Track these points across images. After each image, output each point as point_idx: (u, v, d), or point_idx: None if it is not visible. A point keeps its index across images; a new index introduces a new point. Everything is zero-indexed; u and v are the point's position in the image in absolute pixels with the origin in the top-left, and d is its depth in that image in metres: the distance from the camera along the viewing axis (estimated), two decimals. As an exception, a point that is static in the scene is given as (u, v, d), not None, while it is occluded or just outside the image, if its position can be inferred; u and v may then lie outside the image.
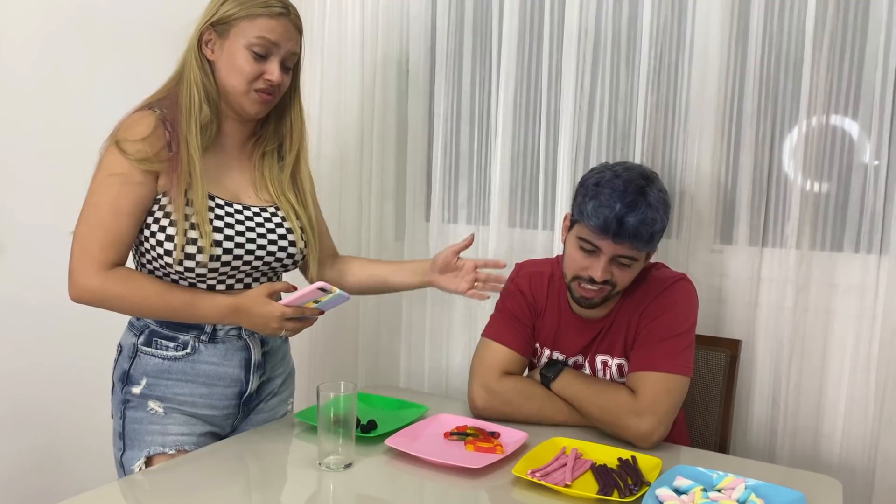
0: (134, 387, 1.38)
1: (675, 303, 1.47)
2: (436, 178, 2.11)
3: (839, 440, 1.67)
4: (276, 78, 1.36)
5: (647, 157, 1.79)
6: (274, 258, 1.43)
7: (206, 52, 1.36)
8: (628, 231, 1.34)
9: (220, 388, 1.42)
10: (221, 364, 1.41)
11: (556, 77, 1.91)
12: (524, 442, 1.36)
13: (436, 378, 2.17)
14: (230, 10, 1.33)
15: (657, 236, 1.39)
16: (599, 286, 1.42)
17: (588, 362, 1.55)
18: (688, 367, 1.42)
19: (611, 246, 1.38)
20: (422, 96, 2.13)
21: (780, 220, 1.70)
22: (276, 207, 1.45)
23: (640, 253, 1.40)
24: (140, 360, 1.38)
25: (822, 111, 1.62)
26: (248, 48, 1.33)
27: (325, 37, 2.18)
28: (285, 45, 1.36)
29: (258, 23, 1.33)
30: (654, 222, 1.36)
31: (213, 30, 1.35)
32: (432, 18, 2.09)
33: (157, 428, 1.38)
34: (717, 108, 1.71)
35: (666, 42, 1.77)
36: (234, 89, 1.35)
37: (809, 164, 1.64)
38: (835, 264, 1.66)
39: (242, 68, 1.34)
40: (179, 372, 1.38)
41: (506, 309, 1.60)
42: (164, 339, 1.38)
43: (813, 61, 1.61)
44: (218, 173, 1.39)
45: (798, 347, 1.68)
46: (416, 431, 1.40)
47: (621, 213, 1.34)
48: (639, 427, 1.36)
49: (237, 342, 1.42)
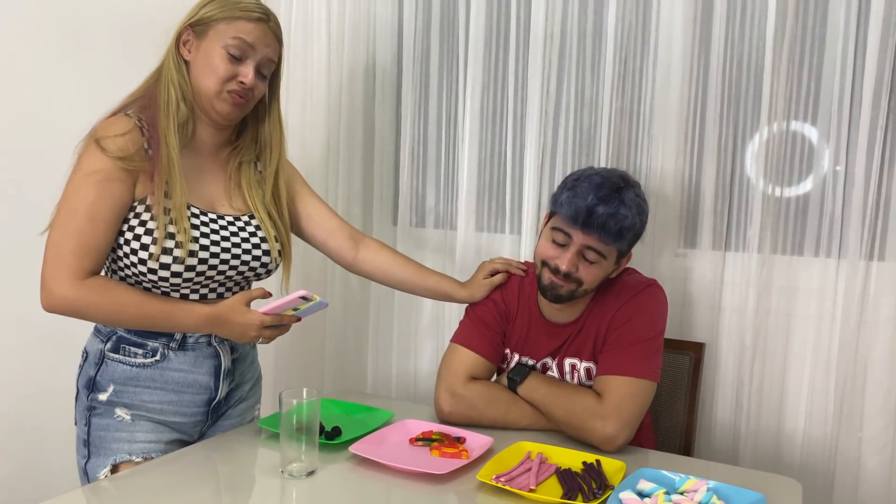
0: (100, 393, 1.36)
1: (644, 308, 1.48)
2: (403, 182, 2.10)
3: (800, 441, 1.69)
4: (250, 80, 1.35)
5: (613, 161, 1.81)
6: (248, 267, 1.42)
7: (183, 52, 1.36)
8: (597, 221, 1.37)
9: (190, 396, 1.41)
10: (191, 371, 1.40)
11: (522, 82, 1.91)
12: (489, 447, 1.36)
13: (403, 383, 2.16)
14: (210, 11, 1.34)
15: (626, 234, 1.40)
16: (567, 280, 1.43)
17: (556, 365, 1.55)
18: (655, 372, 1.44)
19: (580, 236, 1.40)
20: (389, 100, 2.12)
21: (743, 224, 1.72)
22: (249, 216, 1.44)
23: (607, 248, 1.41)
24: (107, 367, 1.36)
25: (782, 117, 1.65)
26: (224, 48, 1.33)
27: (291, 40, 2.16)
28: (262, 50, 1.36)
29: (236, 25, 1.33)
30: (624, 218, 1.38)
31: (192, 30, 1.35)
32: (399, 22, 2.09)
33: (124, 435, 1.36)
34: (680, 113, 1.73)
35: (630, 48, 1.79)
36: (208, 89, 1.34)
37: (771, 170, 1.67)
38: (795, 268, 1.69)
39: (217, 68, 1.33)
40: (148, 379, 1.37)
41: (475, 315, 1.60)
42: (133, 346, 1.36)
43: (773, 68, 1.63)
44: (193, 177, 1.38)
45: (760, 350, 1.71)
46: (381, 437, 1.39)
47: (592, 204, 1.37)
48: (604, 430, 1.36)
49: (207, 349, 1.41)
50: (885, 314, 1.58)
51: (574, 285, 1.44)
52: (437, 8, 2.04)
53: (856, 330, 1.60)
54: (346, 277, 2.20)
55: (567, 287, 1.44)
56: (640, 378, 1.41)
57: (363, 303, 2.20)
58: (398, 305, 2.13)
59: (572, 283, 1.44)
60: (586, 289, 1.45)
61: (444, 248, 2.08)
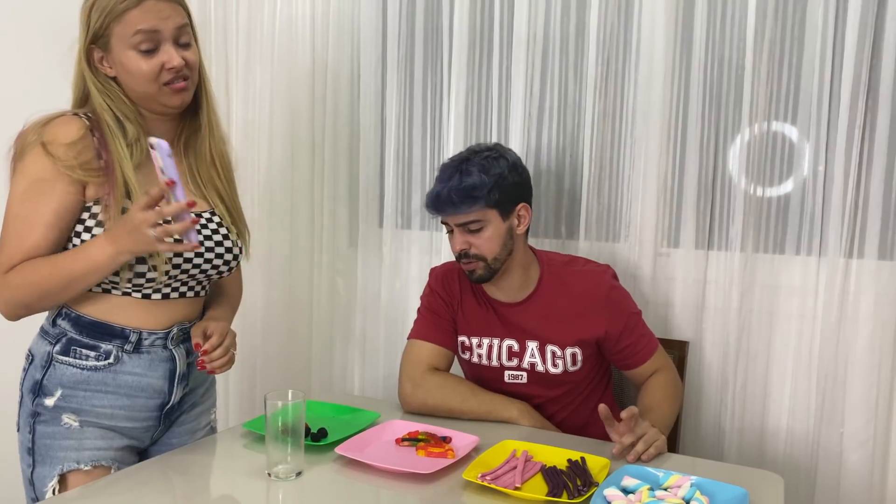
0: (47, 398, 1.30)
1: (624, 291, 1.61)
2: (388, 183, 2.11)
3: (783, 437, 1.71)
4: (177, 62, 1.26)
5: (595, 162, 1.82)
6: (210, 265, 1.38)
7: (105, 70, 1.29)
8: (443, 200, 1.49)
9: (142, 400, 1.35)
10: (145, 375, 1.34)
11: (506, 84, 1.92)
12: (476, 446, 1.37)
13: (391, 385, 2.16)
14: (97, 20, 1.25)
15: (478, 192, 1.48)
16: (471, 260, 1.53)
17: (538, 350, 1.58)
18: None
19: (448, 218, 1.53)
20: (373, 103, 2.12)
21: (726, 223, 1.74)
22: (211, 212, 1.40)
23: (473, 213, 1.50)
24: (55, 370, 1.30)
25: (763, 117, 1.67)
26: (133, 50, 1.25)
27: (275, 42, 2.16)
28: (166, 26, 1.26)
29: (128, 19, 1.23)
30: (469, 183, 1.48)
31: (97, 47, 1.27)
32: (383, 24, 2.09)
33: (72, 443, 1.30)
34: (662, 114, 1.74)
35: (613, 49, 1.80)
36: (146, 93, 1.28)
37: (752, 169, 1.69)
38: (777, 266, 1.71)
39: (140, 71, 1.25)
40: (99, 383, 1.31)
41: (423, 309, 1.68)
42: (85, 349, 1.30)
43: (754, 69, 1.65)
44: (151, 182, 1.28)
45: (744, 348, 1.72)
46: (367, 438, 1.39)
47: (435, 190, 1.51)
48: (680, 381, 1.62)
49: (162, 352, 1.36)
50: (865, 311, 1.60)
51: (482, 262, 1.53)
52: (421, 11, 2.05)
53: (836, 327, 1.62)
54: (332, 279, 2.20)
55: (477, 266, 1.53)
56: (657, 345, 1.61)
57: (350, 305, 2.20)
58: (385, 308, 2.14)
59: (479, 261, 1.53)
60: (496, 258, 1.53)
61: (430, 249, 2.09)
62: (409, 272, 2.11)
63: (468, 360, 1.65)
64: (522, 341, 1.60)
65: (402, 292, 2.12)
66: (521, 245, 1.59)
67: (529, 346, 1.59)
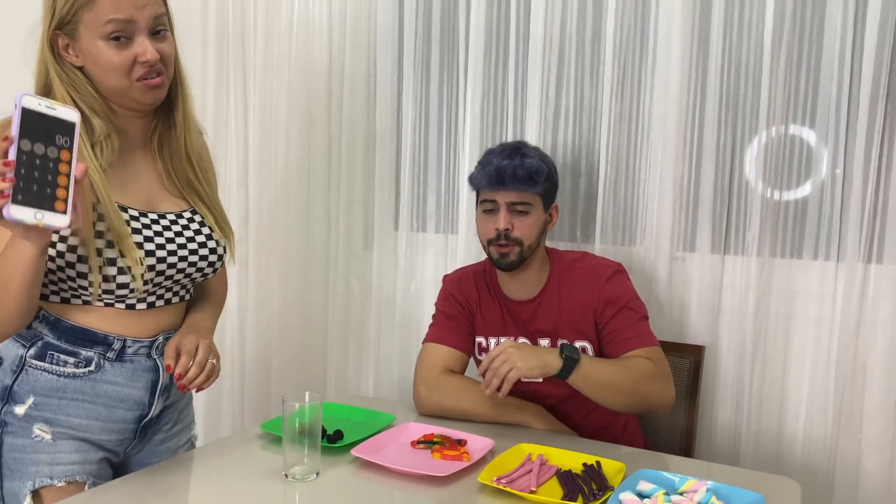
0: (17, 406, 1.19)
1: (632, 291, 1.59)
2: (404, 186, 2.12)
3: (800, 442, 1.70)
4: (152, 55, 1.15)
5: (612, 165, 1.82)
6: (195, 268, 1.30)
7: (70, 59, 1.17)
8: (507, 174, 1.52)
9: (121, 411, 1.26)
10: (126, 385, 1.25)
11: (522, 87, 1.93)
12: (491, 449, 1.37)
13: (406, 388, 2.16)
14: (64, 4, 1.13)
15: (538, 177, 1.53)
16: (508, 243, 1.53)
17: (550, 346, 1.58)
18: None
19: (502, 195, 1.54)
20: (389, 105, 2.13)
21: (742, 227, 1.73)
22: (192, 211, 1.31)
23: (528, 195, 1.54)
24: (27, 375, 1.20)
25: (780, 121, 1.66)
26: (104, 39, 1.13)
27: (292, 45, 2.18)
28: (142, 16, 1.14)
29: (100, 6, 1.12)
30: (531, 165, 1.52)
31: (62, 33, 1.15)
32: (399, 27, 2.10)
33: (44, 457, 1.20)
34: (679, 117, 1.74)
35: (629, 53, 1.80)
36: (117, 88, 1.17)
37: (769, 173, 1.68)
38: (794, 271, 1.70)
39: (111, 63, 1.14)
40: (76, 391, 1.21)
41: (439, 312, 1.69)
42: (63, 354, 1.20)
43: (771, 72, 1.65)
44: (124, 181, 1.23)
45: (760, 352, 1.72)
46: (382, 441, 1.40)
47: (499, 164, 1.54)
48: (670, 392, 1.50)
49: (146, 362, 1.27)
50: (884, 316, 1.59)
51: (517, 248, 1.54)
52: (438, 14, 2.05)
53: (855, 332, 1.61)
54: (347, 282, 2.21)
55: (512, 250, 1.54)
56: (657, 346, 1.54)
57: (365, 308, 2.21)
58: (400, 310, 2.14)
59: (515, 246, 1.54)
60: (530, 245, 1.55)
61: (445, 252, 2.09)
62: (423, 275, 2.12)
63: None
64: (535, 339, 1.61)
65: (416, 295, 2.12)
66: (542, 243, 1.62)
67: (542, 344, 1.60)
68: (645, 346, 1.52)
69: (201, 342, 1.25)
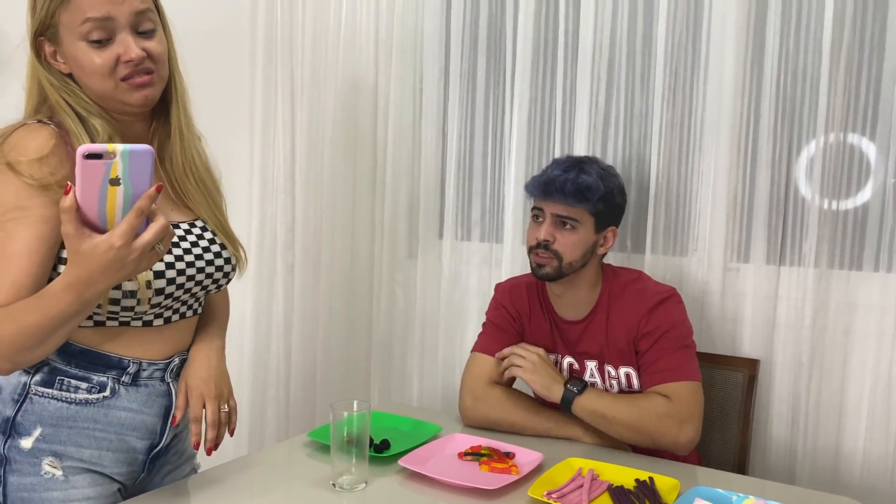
0: (23, 439, 1.09)
1: (679, 318, 1.52)
2: (449, 195, 2.11)
3: (860, 461, 1.64)
4: (135, 53, 1.06)
5: (663, 174, 1.79)
6: (211, 280, 1.23)
7: (58, 66, 1.10)
8: (556, 185, 1.48)
9: (132, 441, 1.18)
10: (140, 412, 1.17)
11: (570, 95, 1.91)
12: (539, 462, 1.35)
13: (450, 397, 2.15)
14: (42, 6, 1.06)
15: (590, 195, 1.49)
16: (547, 253, 1.50)
17: (597, 370, 1.56)
18: (699, 373, 1.50)
19: (548, 205, 1.51)
20: (435, 114, 2.13)
21: (798, 238, 1.68)
22: (202, 224, 1.24)
23: (575, 210, 1.49)
24: (32, 404, 1.09)
25: (839, 129, 1.61)
26: (83, 40, 1.06)
27: (340, 56, 2.19)
28: (120, 12, 1.06)
29: (75, 4, 1.04)
30: (584, 181, 1.48)
31: (46, 39, 1.09)
32: (446, 38, 2.10)
33: (57, 495, 1.10)
34: (732, 125, 1.70)
35: (681, 59, 1.77)
36: (103, 91, 1.09)
37: (827, 182, 1.63)
38: (854, 283, 1.64)
39: (92, 65, 1.06)
40: (88, 420, 1.12)
41: (489, 323, 1.68)
42: (74, 379, 1.11)
43: (830, 79, 1.60)
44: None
45: (817, 367, 1.66)
46: (429, 451, 1.39)
47: (552, 174, 1.51)
48: (683, 433, 1.41)
49: (159, 386, 1.19)
50: (950, 331, 1.53)
51: (556, 261, 1.51)
52: (485, 22, 2.05)
53: (918, 347, 1.55)
54: (392, 290, 2.21)
55: (550, 262, 1.51)
56: (694, 381, 1.46)
57: (409, 316, 2.20)
58: (444, 319, 2.13)
59: (553, 259, 1.51)
60: (570, 263, 1.51)
61: (489, 261, 2.08)
62: (468, 284, 2.11)
63: None
64: (581, 361, 1.58)
65: (460, 304, 2.11)
66: (595, 264, 1.58)
67: (588, 366, 1.57)
68: (674, 380, 1.45)
69: (208, 398, 1.18)
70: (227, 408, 1.22)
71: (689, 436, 1.42)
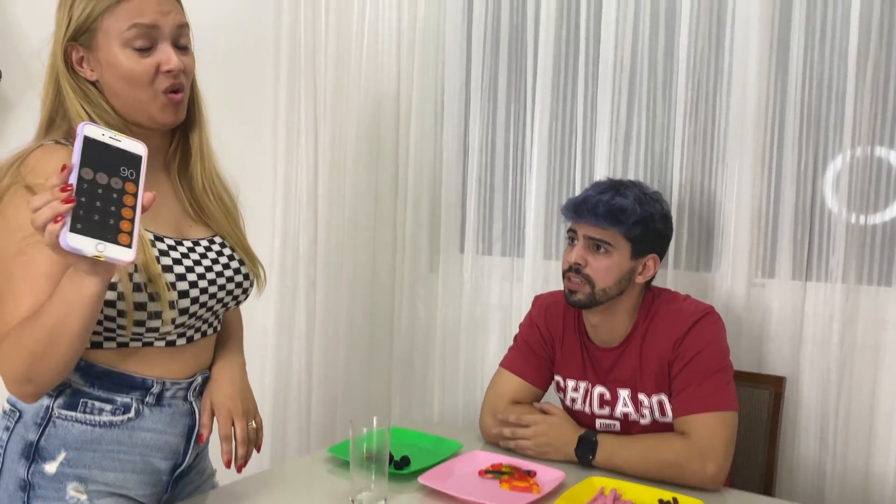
0: (46, 463, 1.07)
1: (711, 340, 1.45)
2: (470, 209, 2.11)
3: (892, 483, 1.59)
4: (176, 64, 1.08)
5: (686, 188, 1.77)
6: (230, 296, 1.22)
7: (85, 73, 1.09)
8: (589, 205, 1.43)
9: (156, 461, 1.16)
10: (165, 432, 1.16)
11: (591, 108, 1.90)
12: (561, 481, 1.33)
13: (470, 413, 2.14)
14: (83, 11, 1.05)
15: (625, 218, 1.42)
16: (579, 278, 1.45)
17: (630, 399, 1.51)
18: (734, 401, 1.42)
19: (581, 226, 1.46)
20: (456, 129, 2.13)
21: (825, 253, 1.65)
22: (221, 241, 1.23)
23: (608, 233, 1.44)
24: (55, 428, 1.08)
25: (866, 141, 1.58)
26: (126, 47, 1.06)
27: (362, 71, 2.21)
28: (166, 22, 1.08)
29: (123, 10, 1.05)
30: (618, 203, 1.42)
31: (77, 44, 1.08)
32: (467, 52, 2.11)
33: None
34: (756, 138, 1.68)
35: (703, 72, 1.75)
36: (137, 101, 1.09)
37: (854, 196, 1.60)
38: (883, 299, 1.61)
39: (132, 72, 1.06)
40: (112, 442, 1.10)
41: (522, 340, 1.64)
42: (98, 401, 1.09)
43: (856, 89, 1.57)
44: (153, 206, 1.08)
45: (846, 384, 1.62)
46: (450, 468, 1.38)
47: (586, 195, 1.47)
48: (705, 471, 1.35)
49: (182, 405, 1.18)
50: (985, 348, 1.49)
51: (588, 287, 1.45)
52: (506, 36, 2.05)
53: (952, 365, 1.51)
54: (413, 304, 2.21)
55: (582, 288, 1.45)
56: (723, 411, 1.39)
57: (430, 331, 2.20)
58: (465, 334, 2.13)
59: (585, 284, 1.45)
60: (603, 288, 1.45)
61: (511, 275, 2.07)
62: (489, 298, 2.10)
63: (562, 400, 1.61)
64: (614, 389, 1.52)
65: (482, 318, 2.10)
66: (636, 293, 1.50)
67: (621, 395, 1.51)
68: (700, 411, 1.39)
69: (236, 415, 1.18)
70: (255, 424, 1.23)
71: (709, 473, 1.35)
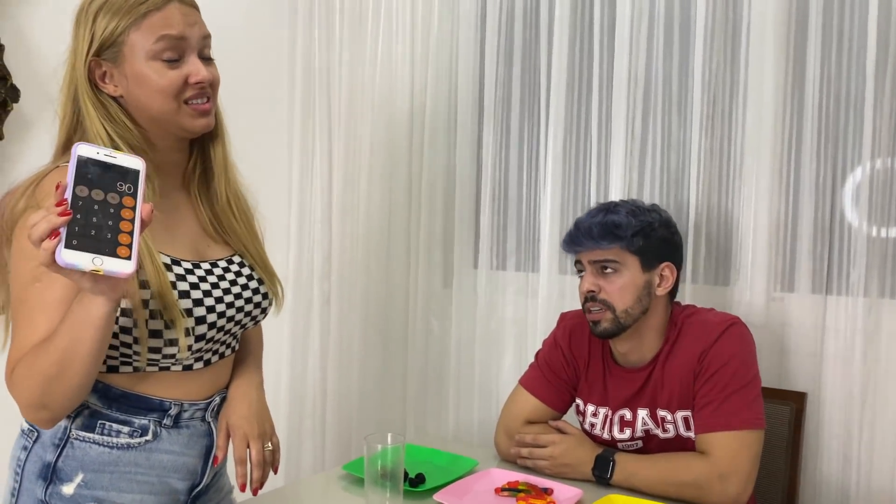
0: (64, 485, 1.07)
1: (734, 352, 1.40)
2: (484, 225, 2.10)
3: (919, 502, 1.56)
4: (205, 75, 1.08)
5: (703, 202, 1.75)
6: (249, 317, 1.21)
7: (108, 88, 1.08)
8: (583, 231, 1.43)
9: (174, 482, 1.15)
10: (182, 453, 1.15)
11: (605, 124, 1.89)
12: (578, 499, 1.31)
13: (486, 430, 2.12)
14: (108, 25, 1.04)
15: (621, 231, 1.41)
16: (597, 306, 1.42)
17: (649, 417, 1.47)
18: (760, 418, 1.38)
19: (584, 254, 1.45)
20: (470, 145, 2.13)
21: (846, 266, 1.62)
22: (241, 256, 1.22)
23: (610, 251, 1.42)
24: (73, 449, 1.07)
25: (886, 153, 1.56)
26: (154, 59, 1.05)
27: (375, 88, 2.22)
28: (192, 33, 1.07)
29: (149, 23, 1.04)
30: (612, 220, 1.41)
31: (101, 59, 1.06)
32: (480, 68, 2.11)
33: None
34: (773, 151, 1.66)
35: (719, 85, 1.74)
36: (164, 113, 1.08)
37: (875, 209, 1.57)
38: (906, 313, 1.58)
39: (159, 85, 1.06)
40: (130, 464, 1.10)
41: (543, 360, 1.61)
42: (115, 423, 1.09)
43: (875, 101, 1.55)
44: (169, 227, 1.12)
45: (870, 400, 1.59)
46: (465, 486, 1.36)
47: (578, 222, 1.47)
48: (725, 492, 1.32)
49: (201, 426, 1.17)
50: None
51: (609, 312, 1.42)
52: (519, 51, 2.05)
53: (979, 380, 1.47)
54: (427, 320, 2.20)
55: (603, 316, 1.42)
56: (747, 429, 1.35)
57: (444, 346, 2.18)
58: (479, 350, 2.11)
59: (606, 310, 1.42)
60: (624, 309, 1.41)
61: (525, 291, 2.05)
62: (503, 314, 2.08)
63: (581, 423, 1.58)
64: (634, 409, 1.48)
65: (496, 334, 2.09)
66: (662, 307, 1.47)
67: (640, 415, 1.47)
68: (721, 429, 1.35)
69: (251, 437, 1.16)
70: (271, 445, 1.20)
71: (731, 495, 1.32)
